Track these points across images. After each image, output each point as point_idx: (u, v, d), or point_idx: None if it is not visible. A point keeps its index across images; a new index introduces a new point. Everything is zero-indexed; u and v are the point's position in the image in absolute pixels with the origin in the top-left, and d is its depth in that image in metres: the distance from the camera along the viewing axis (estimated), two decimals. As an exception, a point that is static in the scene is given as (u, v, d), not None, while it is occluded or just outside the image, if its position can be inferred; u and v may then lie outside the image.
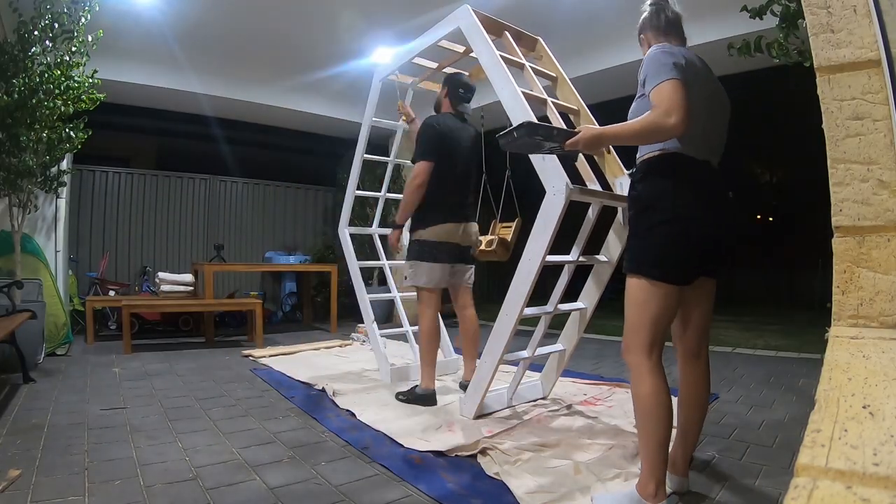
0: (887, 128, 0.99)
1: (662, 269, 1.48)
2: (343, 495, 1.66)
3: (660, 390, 1.46)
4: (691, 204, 1.49)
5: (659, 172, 1.54)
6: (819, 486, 0.40)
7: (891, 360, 0.74)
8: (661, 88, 1.43)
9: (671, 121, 1.38)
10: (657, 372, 1.48)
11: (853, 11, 1.03)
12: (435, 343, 2.79)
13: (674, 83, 1.42)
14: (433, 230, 2.73)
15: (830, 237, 1.05)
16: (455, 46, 3.04)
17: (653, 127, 1.42)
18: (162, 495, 1.63)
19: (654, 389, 1.46)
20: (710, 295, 1.65)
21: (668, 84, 1.42)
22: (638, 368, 1.49)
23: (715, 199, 1.55)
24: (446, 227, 2.74)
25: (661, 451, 1.45)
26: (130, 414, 2.49)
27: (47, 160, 3.69)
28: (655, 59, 1.50)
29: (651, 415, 1.46)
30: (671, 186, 1.50)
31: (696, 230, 1.48)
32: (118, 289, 5.58)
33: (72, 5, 3.54)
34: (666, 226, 1.48)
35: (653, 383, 1.46)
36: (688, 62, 1.50)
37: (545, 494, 1.63)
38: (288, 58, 5.18)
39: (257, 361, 3.90)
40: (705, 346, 1.66)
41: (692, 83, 1.47)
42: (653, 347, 1.49)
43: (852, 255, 1.02)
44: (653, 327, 1.48)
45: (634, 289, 1.52)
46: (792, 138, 8.37)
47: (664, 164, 1.53)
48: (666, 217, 1.48)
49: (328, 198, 7.88)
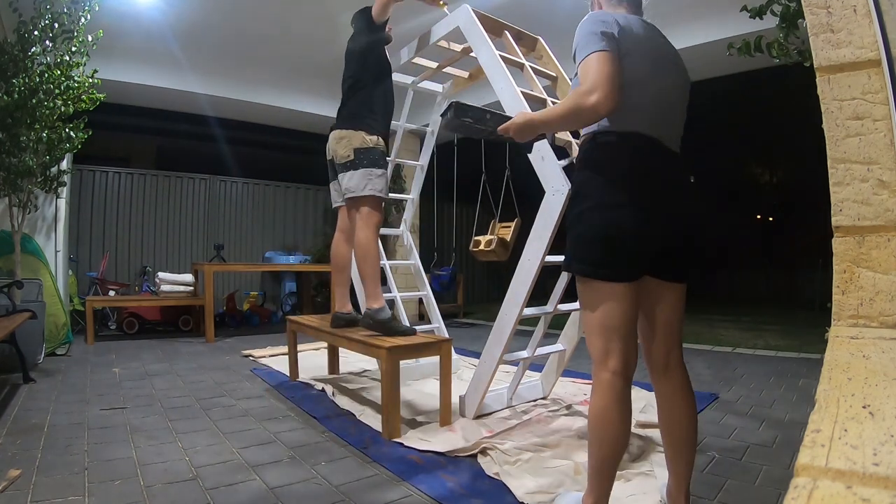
0: (887, 128, 0.99)
1: (593, 264, 1.30)
2: (343, 495, 1.66)
3: (607, 409, 1.28)
4: (627, 188, 1.28)
5: (591, 153, 1.36)
6: (819, 486, 0.40)
7: (891, 360, 0.74)
8: (585, 63, 1.27)
9: (591, 99, 1.22)
10: (610, 387, 1.28)
11: (853, 11, 1.03)
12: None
13: (599, 56, 1.25)
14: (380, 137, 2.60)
15: (830, 237, 1.05)
16: (455, 46, 3.04)
17: (574, 108, 1.26)
18: (162, 495, 1.63)
19: (601, 406, 1.29)
20: (672, 301, 1.39)
21: (592, 58, 1.26)
22: (594, 380, 1.32)
23: (666, 185, 1.32)
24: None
25: (603, 468, 1.30)
26: (130, 414, 2.49)
27: (47, 160, 3.69)
28: (583, 30, 1.33)
29: (594, 431, 1.30)
30: (601, 168, 1.31)
31: (633, 219, 1.27)
32: (118, 289, 5.58)
33: (72, 5, 3.55)
34: (594, 213, 1.29)
35: (601, 400, 1.29)
36: (623, 28, 1.32)
37: (545, 495, 1.63)
38: (288, 58, 5.18)
39: (257, 361, 3.90)
40: (675, 357, 1.41)
41: (631, 51, 1.30)
42: (607, 356, 1.30)
43: (852, 255, 1.02)
44: (604, 333, 1.30)
45: (578, 290, 1.37)
46: (792, 138, 8.38)
47: (597, 144, 1.35)
48: (594, 203, 1.30)
49: (328, 198, 7.85)
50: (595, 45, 1.27)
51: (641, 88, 1.30)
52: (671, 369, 1.41)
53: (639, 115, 1.31)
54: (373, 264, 2.52)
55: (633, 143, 1.31)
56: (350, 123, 2.56)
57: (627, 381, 1.31)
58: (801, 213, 10.62)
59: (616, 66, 1.25)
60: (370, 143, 2.52)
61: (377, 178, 2.52)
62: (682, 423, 1.40)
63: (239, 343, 4.74)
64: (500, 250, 3.99)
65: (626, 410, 1.30)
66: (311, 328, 3.00)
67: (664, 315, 1.39)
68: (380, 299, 2.51)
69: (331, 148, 2.63)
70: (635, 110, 1.30)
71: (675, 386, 1.41)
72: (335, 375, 3.39)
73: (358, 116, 2.56)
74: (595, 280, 1.31)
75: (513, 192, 4.90)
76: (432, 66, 3.33)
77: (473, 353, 4.04)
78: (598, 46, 1.27)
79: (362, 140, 2.51)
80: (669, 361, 1.41)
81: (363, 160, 2.50)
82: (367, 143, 2.51)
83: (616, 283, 1.29)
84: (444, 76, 3.53)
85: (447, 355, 2.37)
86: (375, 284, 2.51)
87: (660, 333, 1.40)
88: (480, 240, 4.13)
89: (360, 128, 2.53)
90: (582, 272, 1.33)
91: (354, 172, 2.50)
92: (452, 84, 3.64)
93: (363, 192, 2.49)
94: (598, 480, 1.31)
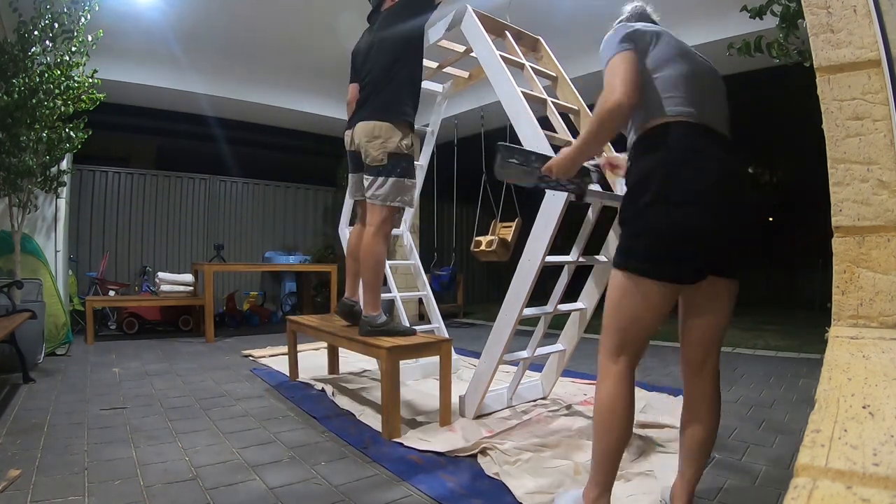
0: (887, 128, 0.99)
1: (650, 262, 1.25)
2: (343, 495, 1.66)
3: (616, 397, 1.31)
4: (690, 180, 1.22)
5: (647, 146, 1.32)
6: (819, 486, 0.40)
7: (891, 360, 0.74)
8: (606, 70, 1.29)
9: (612, 98, 1.23)
10: (621, 378, 1.32)
11: (853, 11, 1.03)
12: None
13: (618, 56, 1.27)
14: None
15: (830, 237, 1.05)
16: (456, 46, 3.04)
17: (599, 115, 1.26)
18: (162, 495, 1.63)
19: (610, 394, 1.31)
20: (723, 300, 1.34)
21: (612, 61, 1.28)
22: (602, 370, 1.35)
23: (723, 174, 1.25)
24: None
25: (606, 459, 1.32)
26: (130, 414, 2.49)
27: (47, 160, 3.69)
28: (605, 42, 1.37)
29: (602, 420, 1.32)
30: (661, 160, 1.26)
31: (698, 215, 1.21)
32: (118, 289, 5.58)
33: (72, 5, 3.55)
34: (657, 210, 1.23)
35: (610, 389, 1.31)
36: (641, 29, 1.35)
37: (545, 495, 1.62)
38: (288, 58, 5.18)
39: (257, 361, 3.90)
40: (712, 361, 1.39)
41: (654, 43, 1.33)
42: (620, 351, 1.32)
43: (852, 255, 1.02)
44: (622, 331, 1.32)
45: (612, 284, 1.34)
46: (792, 138, 8.38)
47: (653, 136, 1.31)
48: (655, 198, 1.24)
49: (328, 198, 7.88)
50: (614, 49, 1.31)
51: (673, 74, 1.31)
52: (707, 372, 1.39)
53: (678, 100, 1.30)
54: (376, 274, 2.46)
55: (683, 129, 1.28)
56: (385, 114, 2.36)
57: (633, 373, 1.34)
58: (801, 213, 10.62)
59: (633, 61, 1.27)
60: (404, 148, 2.38)
61: (409, 189, 2.42)
62: (703, 427, 1.39)
63: (239, 343, 4.74)
64: (501, 250, 4.00)
65: (633, 401, 1.33)
66: (311, 328, 3.00)
67: (711, 316, 1.36)
68: (377, 308, 2.47)
69: (359, 143, 2.43)
70: (673, 96, 1.30)
71: (707, 390, 1.40)
72: (335, 375, 3.39)
73: (400, 107, 2.38)
74: (645, 278, 1.26)
75: (513, 192, 4.90)
76: (433, 66, 3.33)
77: (473, 353, 4.04)
78: (616, 49, 1.30)
79: (398, 145, 2.36)
80: (707, 363, 1.39)
81: (396, 168, 2.36)
82: (402, 150, 2.37)
83: (670, 284, 1.26)
84: (444, 76, 3.53)
85: (447, 355, 2.37)
86: (375, 294, 2.47)
87: (698, 334, 1.38)
88: (481, 240, 4.13)
89: (399, 119, 2.36)
90: (636, 270, 1.27)
91: (386, 179, 2.36)
92: (452, 84, 3.64)
93: (393, 203, 2.38)
94: (602, 471, 1.32)
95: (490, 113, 5.58)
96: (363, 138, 2.39)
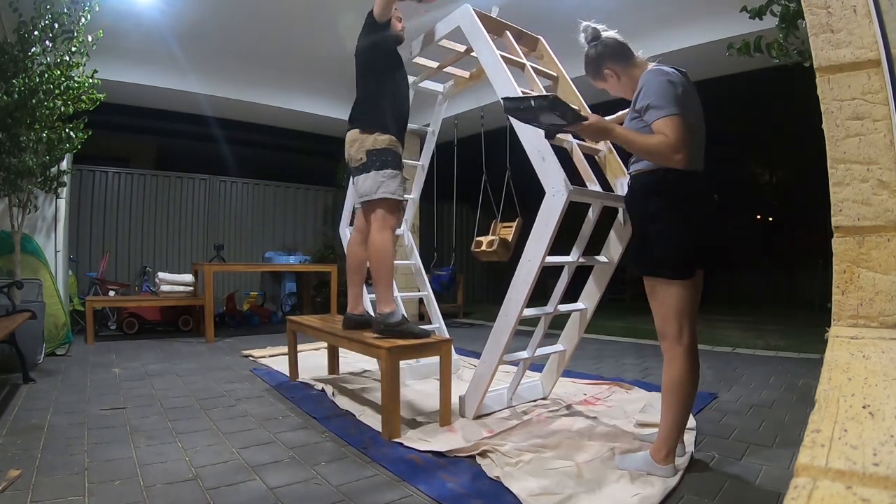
0: (887, 128, 0.99)
1: (675, 269, 1.71)
2: (343, 495, 1.66)
3: (686, 371, 1.71)
4: (691, 212, 1.72)
5: (662, 187, 1.74)
6: (819, 486, 0.40)
7: (891, 360, 0.74)
8: (668, 122, 1.62)
9: (677, 157, 1.63)
10: (687, 356, 1.72)
11: (853, 11, 1.03)
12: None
13: (679, 120, 1.62)
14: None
15: (830, 237, 1.05)
16: (456, 46, 3.04)
17: (662, 155, 1.65)
18: (162, 495, 1.63)
19: (680, 371, 1.71)
20: (699, 284, 1.84)
21: (674, 120, 1.62)
22: (670, 352, 1.74)
23: (705, 202, 1.77)
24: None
25: (676, 425, 1.73)
26: (130, 414, 2.49)
27: (47, 160, 3.69)
28: (660, 87, 1.66)
29: (674, 395, 1.72)
30: (672, 197, 1.72)
31: (695, 233, 1.71)
32: (118, 289, 5.58)
33: (72, 5, 3.55)
34: (671, 232, 1.71)
35: (681, 366, 1.72)
36: (683, 88, 1.69)
37: (549, 496, 1.62)
38: (288, 58, 5.18)
39: (257, 361, 3.90)
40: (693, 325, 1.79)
41: (688, 106, 1.68)
42: (682, 333, 1.73)
43: (852, 255, 1.02)
44: (678, 317, 1.72)
45: (654, 287, 1.76)
46: (792, 138, 8.38)
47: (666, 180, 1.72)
48: (669, 224, 1.71)
49: (328, 198, 7.89)
50: (674, 106, 1.63)
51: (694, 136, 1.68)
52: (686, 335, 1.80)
53: (693, 155, 1.69)
54: (386, 269, 2.47)
55: (692, 177, 1.72)
56: (361, 124, 2.51)
57: (695, 351, 1.75)
58: (801, 213, 10.62)
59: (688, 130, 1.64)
60: (382, 143, 2.45)
61: (390, 180, 2.44)
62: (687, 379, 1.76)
63: (239, 343, 4.74)
64: (502, 250, 3.99)
65: (697, 375, 1.76)
66: (311, 328, 3.00)
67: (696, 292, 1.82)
68: (391, 303, 2.46)
69: (347, 153, 2.57)
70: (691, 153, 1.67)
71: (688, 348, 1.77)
72: (335, 375, 3.39)
73: (368, 116, 2.50)
74: (673, 280, 1.71)
75: (514, 192, 4.90)
76: (433, 65, 3.33)
77: (473, 353, 4.04)
78: (676, 109, 1.63)
79: (374, 141, 2.45)
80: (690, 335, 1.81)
81: (375, 162, 2.44)
82: (378, 144, 2.45)
83: (687, 280, 1.71)
84: (444, 76, 3.53)
85: (447, 355, 2.37)
86: (388, 289, 2.47)
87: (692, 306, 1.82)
88: (482, 240, 4.13)
89: (373, 128, 2.47)
90: (665, 276, 1.72)
91: (367, 175, 2.44)
92: (453, 84, 3.64)
93: (376, 196, 2.42)
94: (674, 437, 1.74)
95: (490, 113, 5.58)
96: (348, 147, 2.56)
